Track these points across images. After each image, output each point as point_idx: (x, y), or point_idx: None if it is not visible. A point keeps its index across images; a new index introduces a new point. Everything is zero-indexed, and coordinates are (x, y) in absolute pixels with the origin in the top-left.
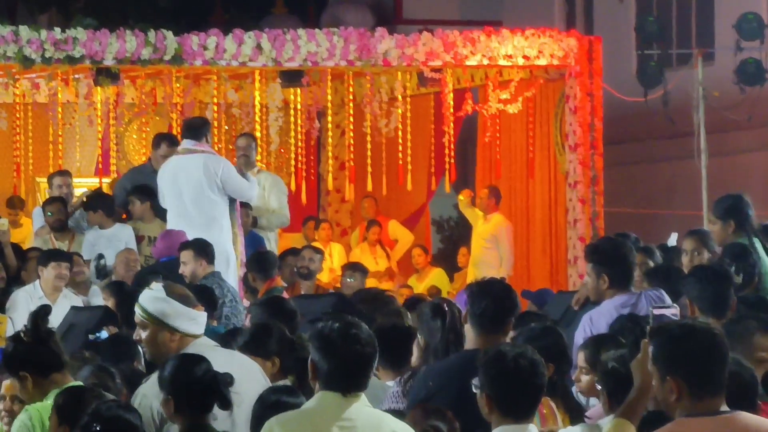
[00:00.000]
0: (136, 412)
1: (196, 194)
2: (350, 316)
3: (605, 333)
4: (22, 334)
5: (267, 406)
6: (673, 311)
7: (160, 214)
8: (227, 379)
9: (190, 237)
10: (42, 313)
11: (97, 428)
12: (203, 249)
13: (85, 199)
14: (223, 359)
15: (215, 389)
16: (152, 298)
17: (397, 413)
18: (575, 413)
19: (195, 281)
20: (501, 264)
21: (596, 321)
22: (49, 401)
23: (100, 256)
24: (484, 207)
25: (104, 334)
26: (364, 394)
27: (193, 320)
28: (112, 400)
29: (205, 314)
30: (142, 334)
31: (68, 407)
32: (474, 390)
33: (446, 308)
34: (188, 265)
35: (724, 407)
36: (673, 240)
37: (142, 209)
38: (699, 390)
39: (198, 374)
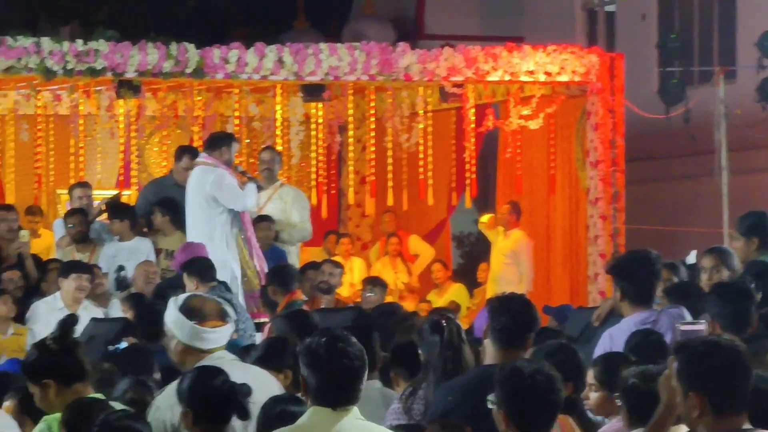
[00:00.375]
0: (145, 422)
1: (191, 207)
2: (339, 330)
3: (615, 351)
4: (48, 342)
5: (271, 417)
6: (700, 327)
7: (182, 227)
8: (245, 390)
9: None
10: (69, 323)
11: None
12: (192, 268)
13: (104, 207)
14: (240, 373)
15: (233, 400)
16: (169, 306)
17: (412, 427)
18: (591, 431)
19: None
20: (521, 280)
21: (616, 338)
22: None
23: (121, 268)
24: (505, 222)
25: (123, 345)
26: (355, 408)
27: (195, 335)
28: (122, 410)
29: (221, 329)
30: (168, 344)
31: (76, 420)
32: (490, 406)
33: (444, 325)
34: (186, 286)
35: (747, 425)
36: (692, 258)
37: (162, 222)
38: (721, 407)
39: (216, 386)
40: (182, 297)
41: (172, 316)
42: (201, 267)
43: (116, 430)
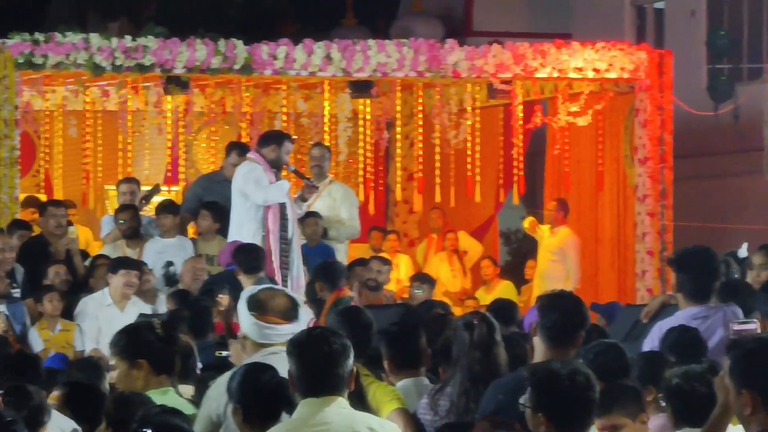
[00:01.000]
0: (185, 417)
1: (232, 201)
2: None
3: (653, 350)
4: (156, 325)
5: None
6: (752, 326)
7: (224, 233)
8: None
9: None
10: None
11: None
12: (236, 258)
13: (143, 201)
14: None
15: (281, 395)
16: (240, 310)
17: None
18: None
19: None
20: (568, 277)
21: (665, 330)
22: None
23: (169, 264)
24: (552, 220)
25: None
26: (341, 398)
27: (251, 326)
28: (160, 406)
29: (280, 326)
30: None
31: (117, 413)
32: (522, 409)
33: (475, 324)
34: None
35: None
36: (743, 251)
37: (207, 226)
38: None
39: (264, 382)
40: (255, 288)
41: (239, 305)
42: (245, 258)
43: (155, 426)
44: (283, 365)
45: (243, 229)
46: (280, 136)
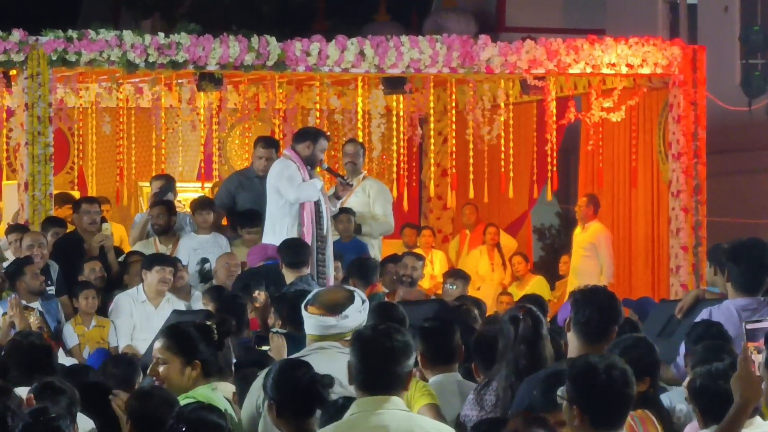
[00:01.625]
0: (221, 413)
1: (267, 198)
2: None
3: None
4: (213, 330)
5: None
6: (765, 325)
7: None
8: (326, 381)
9: (266, 240)
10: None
11: (183, 429)
12: (281, 252)
13: (156, 191)
14: (339, 363)
15: (314, 391)
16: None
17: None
18: (668, 426)
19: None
20: (601, 272)
21: (715, 316)
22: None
23: (204, 261)
24: (582, 215)
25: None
26: (398, 399)
27: (304, 317)
28: (196, 403)
29: (323, 318)
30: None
31: (138, 410)
32: (559, 401)
33: (520, 318)
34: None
35: None
36: None
37: (250, 237)
38: None
39: (297, 378)
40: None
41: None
42: (289, 253)
43: (191, 421)
44: (327, 360)
45: (278, 225)
46: (316, 133)
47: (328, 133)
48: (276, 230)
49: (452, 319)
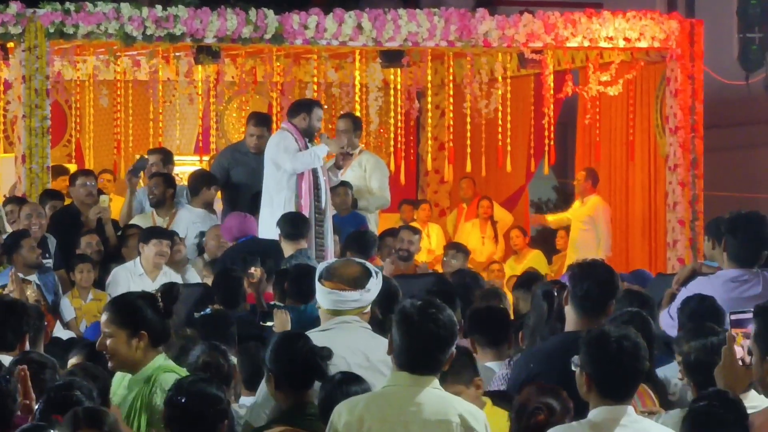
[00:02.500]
0: (220, 385)
1: (264, 171)
2: (438, 300)
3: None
4: (158, 299)
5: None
6: (748, 316)
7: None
8: (325, 353)
9: (263, 215)
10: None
11: (182, 401)
12: (280, 223)
13: (131, 175)
14: (364, 339)
15: (313, 364)
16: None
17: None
18: (663, 400)
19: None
20: (599, 245)
21: (701, 286)
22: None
23: (203, 234)
24: (581, 189)
25: (208, 311)
26: (436, 379)
27: (318, 292)
28: (195, 375)
29: (343, 293)
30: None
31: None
32: (573, 368)
33: (555, 295)
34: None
35: None
36: None
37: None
38: None
39: (295, 350)
40: (334, 260)
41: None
42: (287, 225)
43: (190, 394)
44: (351, 335)
45: (275, 198)
46: (310, 103)
47: (326, 106)
48: (273, 204)
49: (452, 291)
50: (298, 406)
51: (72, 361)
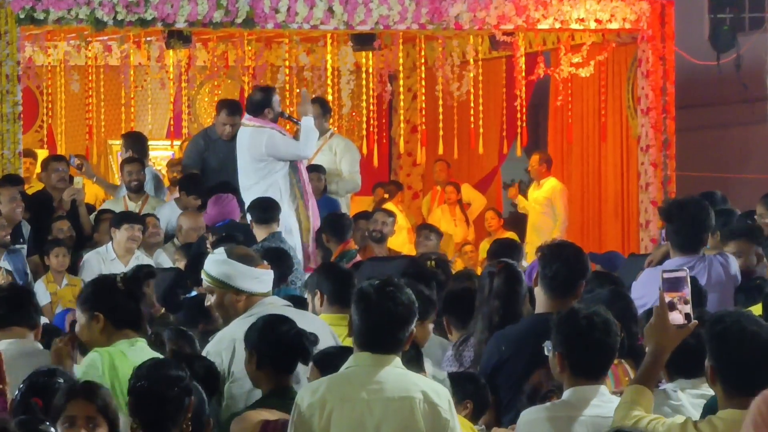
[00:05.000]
0: (178, 364)
1: (244, 167)
2: (396, 279)
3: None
4: (118, 279)
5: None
6: (681, 275)
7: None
8: (312, 338)
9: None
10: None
11: (143, 386)
12: (251, 210)
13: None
14: (295, 318)
15: (298, 346)
16: (215, 261)
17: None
18: None
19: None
20: (555, 226)
21: (651, 277)
22: (117, 347)
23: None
24: (536, 174)
25: (193, 294)
26: (398, 358)
27: (256, 279)
28: (154, 358)
29: (270, 272)
30: (211, 298)
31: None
32: (546, 353)
33: (494, 273)
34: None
35: None
36: None
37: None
38: None
39: (283, 332)
40: (226, 247)
41: (224, 267)
42: (257, 209)
43: (150, 378)
44: (302, 318)
45: (269, 190)
46: (266, 96)
47: (298, 90)
48: (281, 196)
49: (425, 273)
50: (279, 389)
51: None
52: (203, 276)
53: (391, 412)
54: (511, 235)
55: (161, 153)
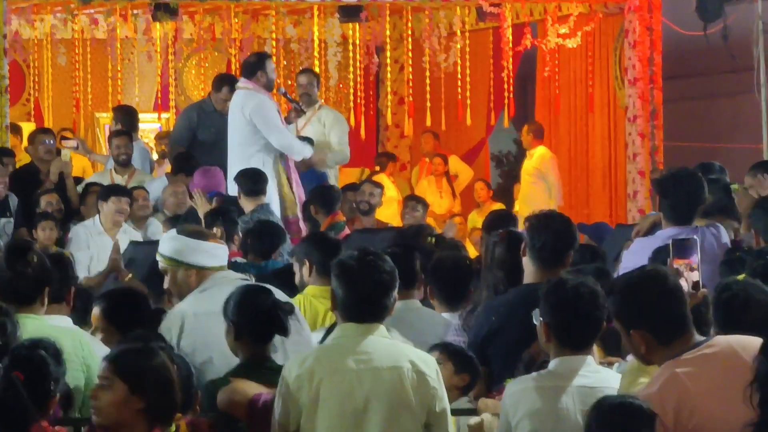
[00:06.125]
0: (50, 345)
1: (232, 130)
2: (374, 249)
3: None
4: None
5: None
6: (690, 242)
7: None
8: (287, 308)
9: (232, 172)
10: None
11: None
12: (238, 180)
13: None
14: None
15: (276, 317)
16: (166, 240)
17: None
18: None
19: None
20: (550, 196)
21: (644, 246)
22: None
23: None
24: (527, 144)
25: None
26: (383, 327)
27: (206, 252)
28: (27, 340)
29: (223, 246)
30: (166, 279)
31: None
32: (535, 322)
33: (497, 241)
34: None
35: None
36: None
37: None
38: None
39: (259, 303)
40: (176, 228)
41: (174, 243)
42: (246, 181)
43: (18, 360)
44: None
45: (252, 158)
46: (260, 59)
47: (284, 62)
48: (264, 167)
49: (412, 245)
50: (255, 359)
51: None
52: (158, 257)
53: (380, 382)
54: (499, 206)
55: (148, 125)
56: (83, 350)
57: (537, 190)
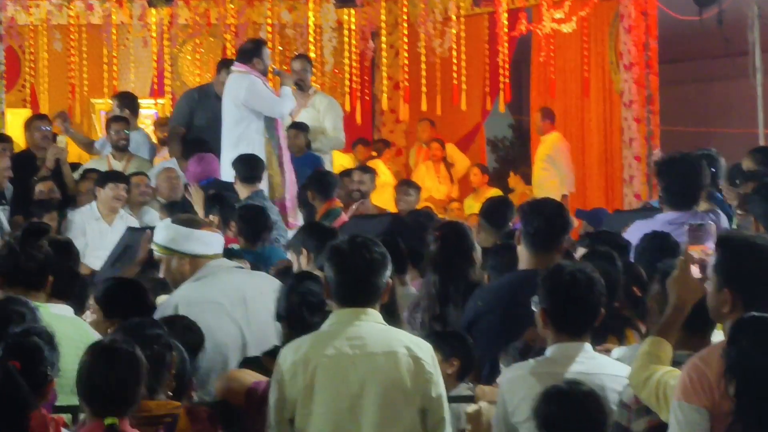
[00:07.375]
0: (44, 332)
1: (225, 113)
2: (366, 235)
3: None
4: (11, 240)
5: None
6: (706, 227)
7: None
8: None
9: (226, 158)
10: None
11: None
12: (235, 166)
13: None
14: (240, 279)
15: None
16: (160, 229)
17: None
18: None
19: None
20: (561, 182)
21: (636, 228)
22: None
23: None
24: (540, 129)
25: None
26: (376, 312)
27: (199, 240)
28: (23, 328)
29: (217, 234)
30: (161, 267)
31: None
32: (533, 308)
33: (437, 235)
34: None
35: None
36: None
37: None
38: (752, 304)
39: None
40: (170, 217)
41: (167, 232)
42: (243, 167)
43: (14, 348)
44: (233, 278)
45: (241, 141)
46: (256, 46)
47: (280, 48)
48: (240, 148)
49: (406, 230)
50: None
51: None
52: (152, 246)
53: (375, 367)
54: (495, 192)
55: (145, 111)
56: (87, 340)
57: (548, 176)
